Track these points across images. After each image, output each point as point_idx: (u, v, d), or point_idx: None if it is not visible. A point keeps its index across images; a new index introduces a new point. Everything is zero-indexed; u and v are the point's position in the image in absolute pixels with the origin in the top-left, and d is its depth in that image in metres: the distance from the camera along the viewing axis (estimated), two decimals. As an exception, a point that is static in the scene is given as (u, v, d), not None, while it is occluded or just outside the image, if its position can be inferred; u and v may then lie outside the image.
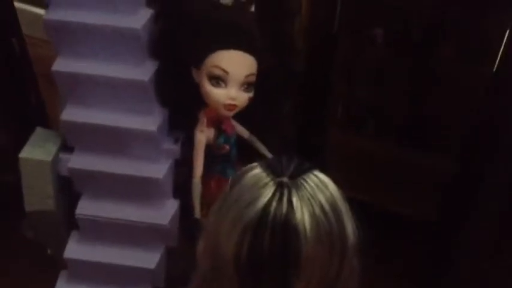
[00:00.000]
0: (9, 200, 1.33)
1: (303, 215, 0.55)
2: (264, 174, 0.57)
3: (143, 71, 0.96)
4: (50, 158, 1.01)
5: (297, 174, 0.57)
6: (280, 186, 0.56)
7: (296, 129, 1.38)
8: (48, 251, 1.20)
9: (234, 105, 0.93)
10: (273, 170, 0.57)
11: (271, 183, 0.56)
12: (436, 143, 1.39)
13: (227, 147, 1.01)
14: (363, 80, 1.37)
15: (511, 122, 1.13)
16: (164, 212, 1.04)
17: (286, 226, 0.54)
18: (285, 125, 1.24)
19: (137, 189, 1.03)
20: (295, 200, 0.55)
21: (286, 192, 0.55)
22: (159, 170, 1.02)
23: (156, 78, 0.98)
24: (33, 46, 1.48)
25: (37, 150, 1.02)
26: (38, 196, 1.03)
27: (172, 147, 1.03)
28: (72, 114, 1.00)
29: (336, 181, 1.51)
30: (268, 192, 0.55)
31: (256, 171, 0.58)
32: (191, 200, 1.03)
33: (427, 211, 1.42)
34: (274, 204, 0.55)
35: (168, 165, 1.03)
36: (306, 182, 0.57)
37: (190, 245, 1.17)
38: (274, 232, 0.54)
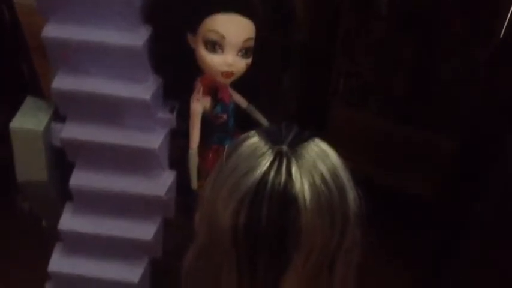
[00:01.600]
0: (3, 174, 1.32)
1: (302, 185, 0.52)
2: (262, 143, 0.54)
3: (137, 36, 0.92)
4: (41, 128, 0.98)
5: (297, 142, 0.54)
6: (278, 155, 0.53)
7: (296, 103, 1.35)
8: (43, 223, 1.18)
9: (231, 72, 0.89)
10: (271, 138, 0.54)
11: (269, 152, 0.53)
12: (438, 120, 1.36)
13: (224, 116, 0.98)
14: (366, 54, 1.32)
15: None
16: (160, 183, 1.01)
17: (284, 196, 0.51)
18: (285, 97, 1.20)
19: (132, 159, 1.00)
20: (294, 169, 0.52)
21: (284, 161, 0.52)
22: (154, 139, 0.99)
23: (150, 44, 0.94)
24: (25, 15, 1.43)
25: (28, 120, 0.98)
26: (30, 167, 1.00)
27: (167, 117, 0.99)
28: (63, 82, 0.96)
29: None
30: (266, 161, 0.52)
31: (254, 139, 0.55)
32: (188, 171, 1.01)
33: (428, 188, 1.40)
34: (272, 173, 0.52)
35: (163, 135, 1.00)
36: (306, 150, 0.54)
37: (186, 217, 1.17)
38: (272, 202, 0.51)
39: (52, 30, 0.94)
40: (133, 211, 1.03)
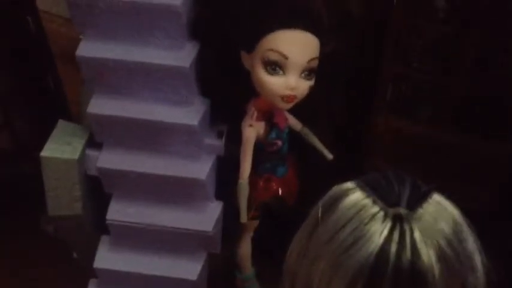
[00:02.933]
0: (27, 192, 1.23)
1: (429, 258, 0.41)
2: (368, 201, 0.43)
3: (183, 56, 0.82)
4: (75, 156, 0.88)
5: (415, 201, 0.43)
6: (398, 221, 0.42)
7: (341, 112, 1.24)
8: (74, 255, 1.08)
9: (294, 96, 0.78)
10: (380, 195, 0.43)
11: (381, 215, 0.42)
12: (498, 129, 1.24)
13: (279, 142, 0.88)
14: (419, 58, 1.21)
15: None
16: (207, 217, 0.91)
17: (412, 277, 0.40)
18: (337, 112, 1.10)
19: (176, 191, 0.90)
20: (418, 239, 0.41)
21: (407, 229, 0.41)
22: (201, 169, 0.89)
23: (197, 63, 0.84)
24: (49, 23, 1.35)
25: (61, 148, 0.89)
26: (64, 199, 0.90)
27: (215, 143, 0.89)
28: (100, 106, 0.86)
29: (382, 169, 1.33)
30: (381, 229, 0.41)
31: (357, 195, 0.44)
32: (235, 201, 0.91)
33: (487, 201, 1.29)
34: (393, 246, 0.41)
35: (210, 164, 0.89)
36: (425, 210, 0.44)
37: (228, 248, 1.07)
38: (397, 283, 0.40)
39: (88, 49, 0.84)
40: (176, 247, 0.93)
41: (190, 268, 0.93)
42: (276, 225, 1.09)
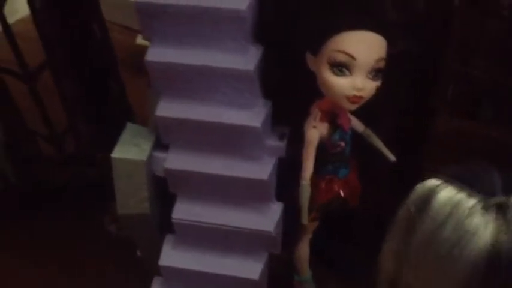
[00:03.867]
0: (92, 196, 1.29)
1: None
2: (463, 195, 0.43)
3: (247, 59, 0.84)
4: (144, 158, 0.92)
5: (510, 188, 0.43)
6: (500, 210, 0.41)
7: (400, 113, 1.22)
8: (138, 253, 1.12)
9: (360, 97, 0.79)
10: (474, 187, 0.43)
11: (479, 207, 0.42)
12: None
13: (342, 144, 0.88)
14: (482, 57, 1.17)
15: None
16: (268, 217, 0.93)
17: None
18: (399, 113, 1.09)
19: (239, 191, 0.92)
20: None
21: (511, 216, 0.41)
22: (263, 169, 0.90)
23: (260, 66, 0.85)
24: (112, 32, 1.40)
25: (130, 149, 0.92)
26: (133, 199, 0.94)
27: (277, 144, 0.91)
28: (167, 109, 0.89)
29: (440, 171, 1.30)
30: (485, 222, 0.41)
31: (448, 191, 0.43)
32: (296, 202, 0.92)
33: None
34: (504, 237, 0.40)
35: (272, 165, 0.91)
36: None
37: (288, 251, 1.08)
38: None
39: (156, 54, 0.87)
40: (238, 247, 0.95)
41: (253, 268, 0.94)
42: (335, 228, 1.09)
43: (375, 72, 0.78)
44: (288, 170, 0.94)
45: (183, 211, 0.94)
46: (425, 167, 1.29)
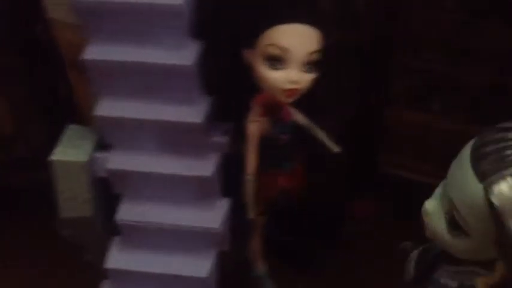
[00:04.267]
0: (44, 199, 1.26)
1: None
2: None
3: (186, 55, 0.84)
4: (85, 159, 0.90)
5: None
6: None
7: (352, 106, 1.23)
8: (87, 257, 1.10)
9: (296, 90, 0.79)
10: None
11: None
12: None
13: (284, 137, 0.88)
14: (429, 49, 1.19)
15: None
16: (214, 214, 0.92)
17: None
18: (345, 106, 1.10)
19: (183, 189, 0.91)
20: None
21: None
22: (207, 166, 0.89)
23: (200, 61, 0.85)
24: (59, 31, 1.37)
25: (70, 151, 0.90)
26: (74, 201, 0.92)
27: (220, 140, 0.90)
28: (106, 108, 0.88)
29: (396, 164, 1.33)
30: None
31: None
32: (242, 197, 0.92)
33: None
34: None
35: (216, 161, 0.90)
36: None
37: (239, 247, 1.07)
38: None
39: (94, 52, 0.86)
40: (185, 245, 0.94)
41: (201, 266, 0.94)
42: (285, 221, 1.10)
43: (310, 65, 0.78)
44: (236, 165, 0.93)
45: (128, 212, 0.93)
46: (377, 158, 1.31)
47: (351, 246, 1.19)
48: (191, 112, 0.86)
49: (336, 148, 0.95)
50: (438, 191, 0.65)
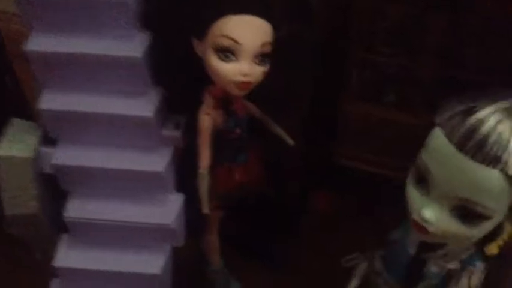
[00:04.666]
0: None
1: None
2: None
3: (135, 45, 0.81)
4: (30, 154, 0.86)
5: None
6: None
7: (307, 100, 1.23)
8: (37, 256, 1.06)
9: (248, 83, 0.77)
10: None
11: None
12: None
13: (238, 131, 0.87)
14: (383, 42, 1.19)
15: None
16: (167, 209, 0.90)
17: None
18: (300, 99, 1.09)
19: (134, 185, 0.88)
20: None
21: None
22: (159, 161, 0.87)
23: (150, 53, 0.82)
24: (3, 21, 1.31)
25: (15, 146, 0.86)
26: (19, 198, 0.88)
27: (173, 134, 0.88)
28: (52, 101, 0.84)
29: (352, 156, 1.33)
30: None
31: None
32: (196, 192, 0.90)
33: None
34: None
35: (169, 156, 0.88)
36: None
37: (195, 241, 1.06)
38: None
39: (36, 43, 0.82)
40: (137, 242, 0.92)
41: (154, 262, 0.91)
42: (242, 215, 1.08)
43: (262, 57, 0.76)
44: (190, 159, 0.91)
45: (76, 209, 0.90)
46: (334, 151, 1.31)
47: (308, 239, 1.20)
48: (141, 105, 0.84)
49: (291, 141, 0.94)
50: (421, 198, 0.63)
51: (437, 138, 0.60)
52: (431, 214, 0.61)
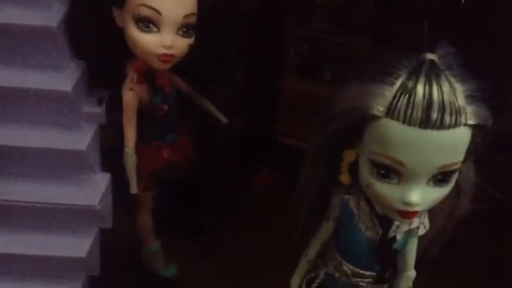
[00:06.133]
0: None
1: None
2: None
3: (50, 15, 0.75)
4: None
5: None
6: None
7: (245, 77, 1.20)
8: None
9: (171, 55, 0.73)
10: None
11: None
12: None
13: (165, 107, 0.83)
14: (319, 18, 1.18)
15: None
16: (92, 190, 0.85)
17: None
18: (233, 73, 1.06)
19: (55, 164, 0.83)
20: None
21: None
22: (80, 139, 0.82)
23: (67, 23, 0.76)
24: None
25: None
26: None
27: (95, 110, 0.83)
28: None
29: (289, 132, 1.32)
30: None
31: None
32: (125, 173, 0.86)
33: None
34: None
35: (91, 133, 0.83)
36: None
37: (126, 222, 1.02)
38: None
39: None
40: (62, 225, 0.87)
41: (79, 245, 0.87)
42: (175, 194, 1.05)
43: (186, 29, 0.73)
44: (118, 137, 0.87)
45: (-6, 190, 0.84)
46: (274, 127, 1.30)
47: (246, 216, 1.18)
48: (59, 79, 0.78)
49: (224, 119, 0.91)
50: (396, 187, 0.60)
51: (392, 128, 0.56)
52: (416, 197, 0.59)
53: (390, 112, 0.56)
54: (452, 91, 0.55)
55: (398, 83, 0.56)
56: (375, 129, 0.58)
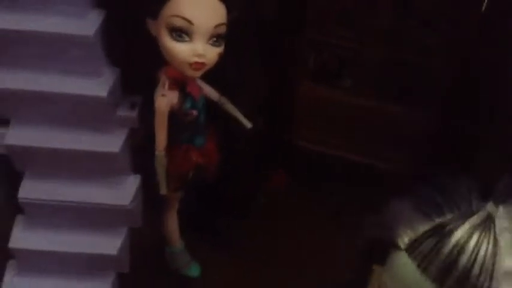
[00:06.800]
0: None
1: None
2: None
3: (87, 24, 0.79)
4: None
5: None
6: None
7: (264, 84, 1.23)
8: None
9: (202, 63, 0.77)
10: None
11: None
12: (417, 95, 1.26)
13: (195, 112, 0.86)
14: (337, 25, 1.20)
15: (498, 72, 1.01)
16: (124, 190, 0.89)
17: None
18: (256, 80, 1.09)
19: (90, 165, 0.87)
20: None
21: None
22: (114, 142, 0.86)
23: (103, 31, 0.80)
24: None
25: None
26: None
27: (128, 114, 0.87)
28: (3, 80, 0.82)
29: (307, 138, 1.34)
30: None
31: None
32: (155, 175, 0.90)
33: (405, 167, 1.32)
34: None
35: (124, 136, 0.87)
36: None
37: (154, 222, 1.05)
38: None
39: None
40: (94, 224, 0.91)
41: (111, 243, 0.91)
42: (201, 196, 1.09)
43: (216, 38, 0.76)
44: (148, 140, 0.91)
45: (31, 190, 0.88)
46: (291, 133, 1.32)
47: (265, 218, 1.21)
48: (95, 85, 0.82)
49: (248, 124, 0.94)
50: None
51: (405, 265, 0.52)
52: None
53: (410, 250, 0.53)
54: (492, 262, 0.49)
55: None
56: None
